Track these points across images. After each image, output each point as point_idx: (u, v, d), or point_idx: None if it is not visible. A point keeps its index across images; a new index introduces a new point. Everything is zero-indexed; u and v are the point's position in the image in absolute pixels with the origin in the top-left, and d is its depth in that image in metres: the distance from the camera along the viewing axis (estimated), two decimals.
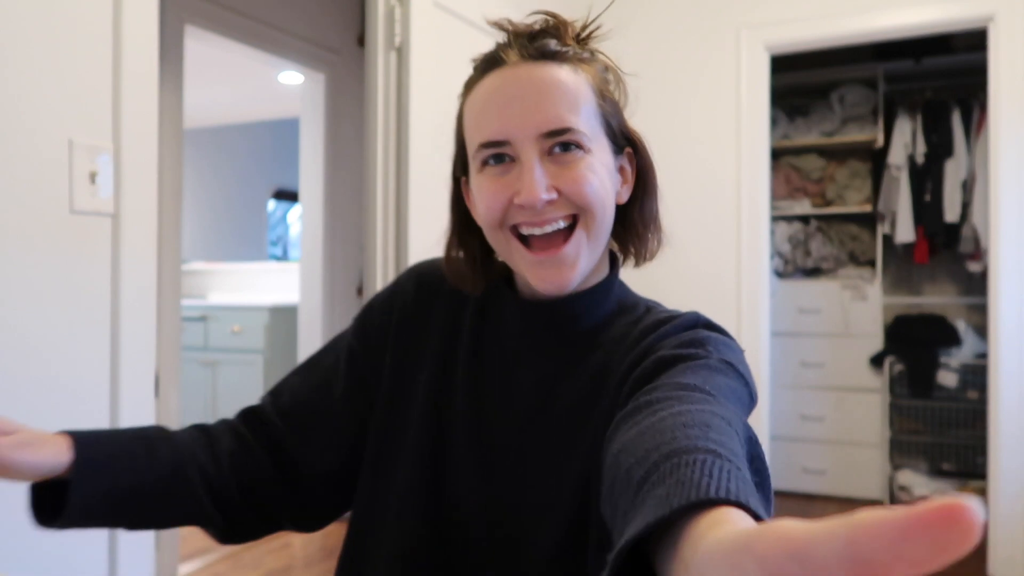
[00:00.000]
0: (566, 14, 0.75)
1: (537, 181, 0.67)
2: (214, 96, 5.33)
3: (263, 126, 6.39)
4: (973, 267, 3.57)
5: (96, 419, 1.28)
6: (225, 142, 6.70)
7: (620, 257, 0.80)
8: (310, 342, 3.37)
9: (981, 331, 3.67)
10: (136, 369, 1.33)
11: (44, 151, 1.21)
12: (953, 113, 3.58)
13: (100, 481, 0.68)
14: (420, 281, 0.83)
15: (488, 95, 0.71)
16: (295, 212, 7.16)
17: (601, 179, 0.69)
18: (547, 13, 0.74)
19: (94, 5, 1.27)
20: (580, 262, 0.70)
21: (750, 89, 2.97)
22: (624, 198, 0.75)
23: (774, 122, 3.87)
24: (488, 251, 0.79)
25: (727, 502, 0.38)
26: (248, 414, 0.82)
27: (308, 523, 0.83)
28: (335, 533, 3.14)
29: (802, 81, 3.93)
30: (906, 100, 3.73)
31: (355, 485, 0.80)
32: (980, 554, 2.89)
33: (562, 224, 0.69)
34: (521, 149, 0.68)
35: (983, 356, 3.51)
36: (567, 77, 0.69)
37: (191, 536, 3.10)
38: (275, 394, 0.83)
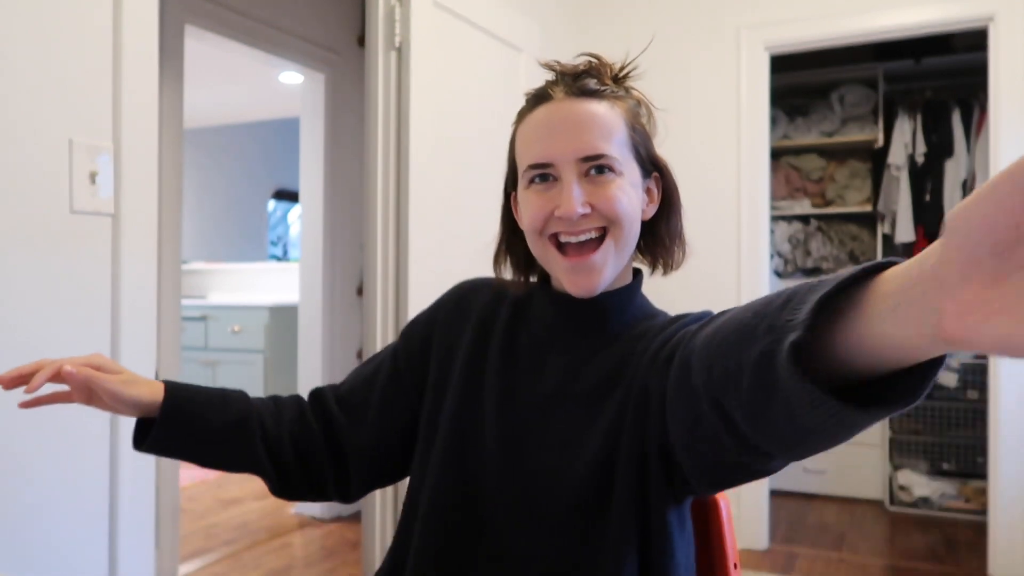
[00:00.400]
0: (606, 54, 0.90)
1: (575, 198, 0.81)
2: (214, 96, 5.33)
3: (263, 126, 6.39)
4: None
5: (96, 419, 1.28)
6: (225, 142, 6.70)
7: (643, 272, 0.93)
8: (310, 342, 3.37)
9: None
10: (136, 369, 1.33)
11: (44, 151, 1.21)
12: (953, 113, 3.58)
13: (180, 419, 0.87)
14: (462, 292, 0.99)
15: (537, 124, 0.85)
16: (295, 212, 7.16)
17: (630, 198, 0.83)
18: (590, 55, 0.88)
19: (94, 5, 1.27)
20: (606, 269, 0.83)
21: (750, 89, 2.97)
22: (650, 215, 0.89)
23: (774, 122, 3.88)
24: (530, 258, 0.93)
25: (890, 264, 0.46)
26: (313, 393, 0.99)
27: (346, 493, 0.97)
28: (334, 534, 3.14)
29: (802, 81, 3.93)
30: (906, 100, 3.73)
31: (389, 463, 0.96)
32: (980, 554, 2.89)
33: (594, 234, 0.82)
34: (563, 170, 0.82)
35: (983, 356, 3.51)
36: (603, 111, 0.83)
37: (191, 536, 3.10)
38: (341, 382, 1.00)
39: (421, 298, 2.11)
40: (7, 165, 1.16)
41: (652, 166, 0.88)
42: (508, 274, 0.96)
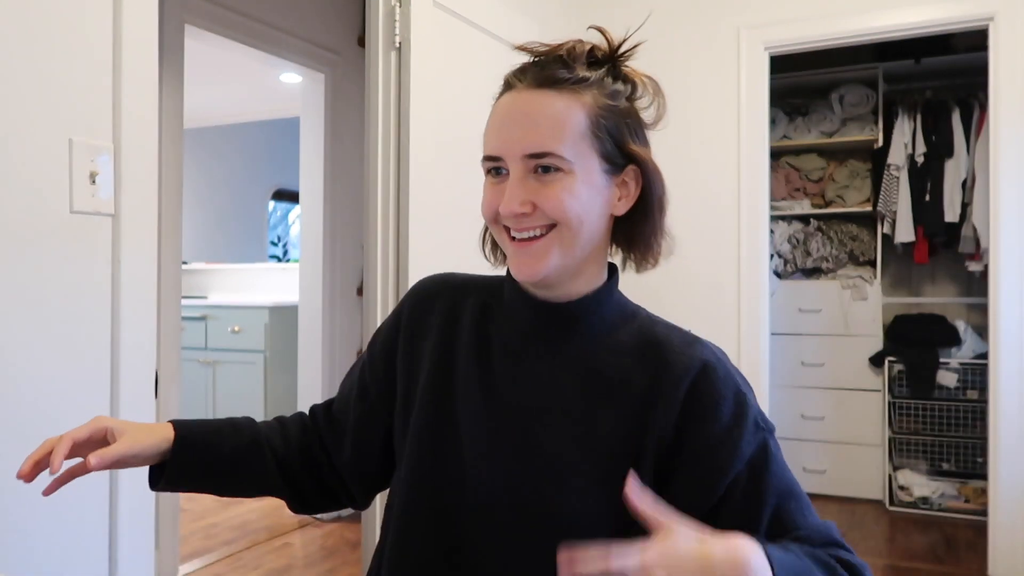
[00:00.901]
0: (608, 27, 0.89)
1: (512, 197, 0.79)
2: (214, 96, 5.32)
3: (263, 126, 6.38)
4: (973, 267, 3.57)
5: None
6: (225, 142, 6.70)
7: (619, 268, 0.89)
8: (310, 342, 3.37)
9: (981, 331, 3.67)
10: (136, 369, 1.33)
11: (44, 151, 1.21)
12: (953, 113, 3.58)
13: (192, 452, 0.87)
14: (416, 298, 0.95)
15: (496, 114, 0.83)
16: (295, 212, 7.16)
17: (578, 198, 0.79)
18: (597, 27, 0.88)
19: (94, 5, 1.27)
20: (550, 258, 0.80)
21: (750, 89, 2.97)
22: (622, 210, 0.84)
23: (774, 122, 3.87)
24: None
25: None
26: (311, 411, 1.00)
27: (354, 501, 0.98)
28: (334, 534, 3.14)
29: (802, 81, 3.93)
30: (906, 100, 3.73)
31: (380, 475, 0.96)
32: (980, 554, 2.89)
33: (538, 232, 0.80)
34: (510, 165, 0.80)
35: (983, 356, 3.51)
36: (559, 105, 0.79)
37: (191, 536, 3.10)
38: (336, 394, 1.00)
39: None
40: (7, 165, 1.16)
41: (626, 159, 0.83)
42: (491, 256, 0.93)
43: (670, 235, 0.88)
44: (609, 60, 0.85)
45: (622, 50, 0.87)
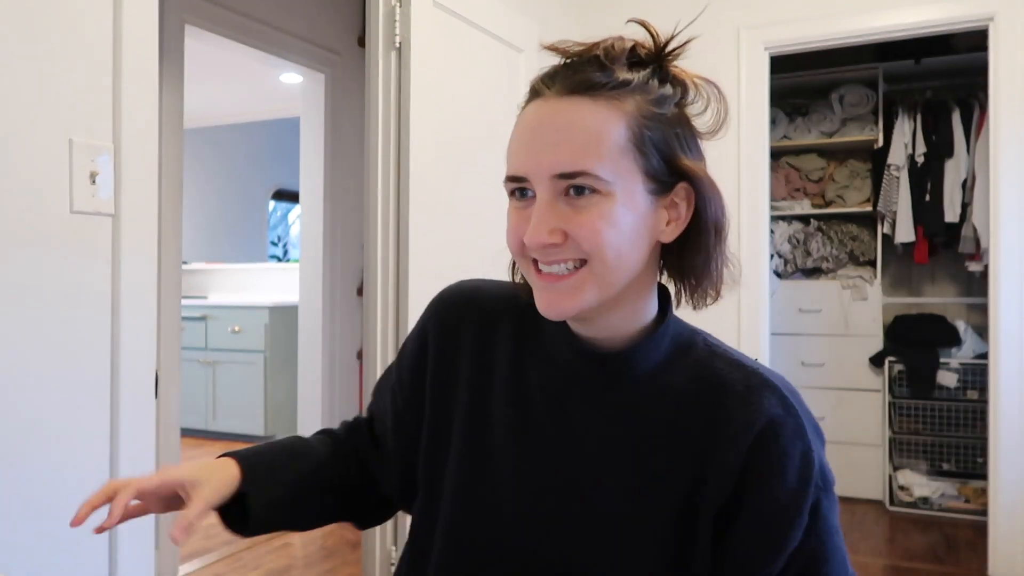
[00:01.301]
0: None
1: (539, 225, 0.67)
2: (214, 96, 5.33)
3: (263, 126, 6.38)
4: (973, 267, 3.57)
5: (96, 419, 1.28)
6: (225, 142, 6.70)
7: (673, 295, 0.77)
8: (310, 342, 3.37)
9: (981, 331, 3.67)
10: (136, 369, 1.33)
11: (44, 151, 1.21)
12: (953, 113, 3.58)
13: (265, 493, 0.79)
14: (442, 317, 0.85)
15: (520, 128, 0.71)
16: (295, 212, 7.16)
17: (617, 226, 0.67)
18: (639, 20, 0.77)
19: (94, 5, 1.27)
20: (582, 296, 0.69)
21: (750, 89, 2.97)
22: (670, 237, 0.72)
23: (774, 122, 3.87)
24: None
25: None
26: (352, 426, 0.93)
27: (406, 507, 0.89)
28: (334, 534, 3.14)
29: (802, 81, 3.92)
30: (906, 100, 3.73)
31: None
32: (980, 554, 2.89)
33: (571, 266, 0.69)
34: (538, 187, 0.68)
35: (983, 356, 3.50)
36: (595, 115, 0.67)
37: (191, 537, 3.10)
38: (370, 404, 0.94)
39: (421, 299, 2.11)
40: (7, 165, 1.16)
41: (675, 177, 0.71)
42: (523, 290, 0.79)
43: (734, 261, 0.75)
44: (654, 60, 0.74)
45: (670, 48, 0.75)
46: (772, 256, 3.92)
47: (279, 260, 7.16)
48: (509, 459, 0.76)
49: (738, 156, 2.98)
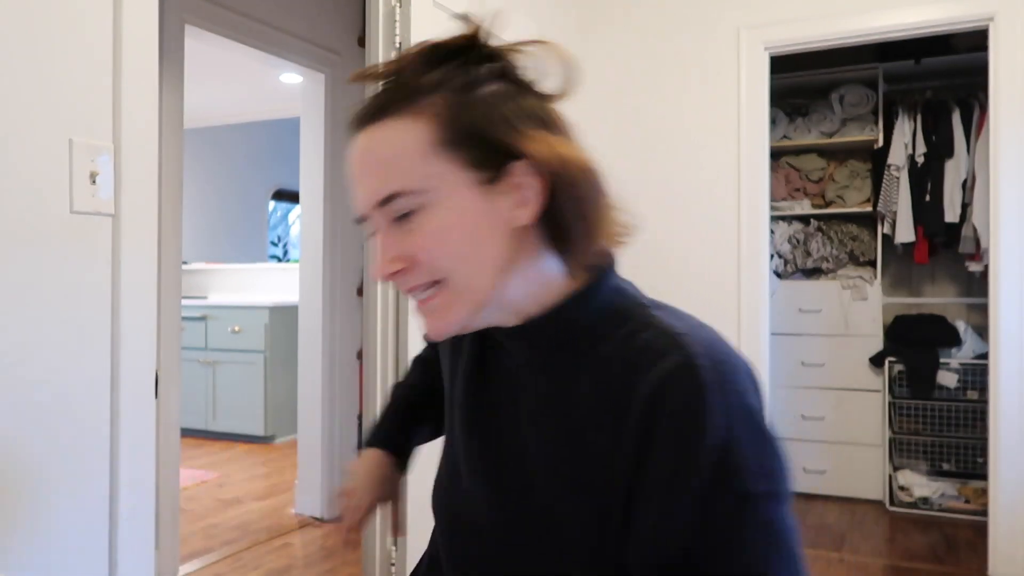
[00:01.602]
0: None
1: (379, 257, 0.68)
2: (214, 96, 5.33)
3: (263, 126, 6.39)
4: (973, 267, 3.57)
5: (96, 419, 1.28)
6: (225, 142, 6.70)
7: (607, 263, 0.73)
8: (310, 342, 3.37)
9: (981, 331, 3.67)
10: (136, 369, 1.33)
11: (44, 151, 1.21)
12: (953, 113, 3.58)
13: (409, 457, 1.03)
14: None
15: (347, 168, 0.71)
16: (295, 212, 7.16)
17: (451, 234, 0.65)
18: (459, 15, 0.72)
19: (94, 5, 1.27)
20: (455, 313, 0.69)
21: (750, 89, 2.97)
22: (528, 218, 0.67)
23: (774, 122, 3.87)
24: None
25: None
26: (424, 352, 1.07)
27: None
28: (334, 534, 3.14)
29: (802, 81, 3.92)
30: (906, 100, 3.73)
31: None
32: (981, 554, 2.90)
33: (430, 290, 0.69)
34: (374, 222, 0.69)
35: (983, 356, 3.50)
36: (390, 134, 0.66)
37: (191, 537, 3.10)
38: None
39: None
40: (7, 165, 1.16)
41: (508, 156, 0.65)
42: None
43: (624, 211, 0.70)
44: (463, 48, 0.68)
45: (481, 30, 0.69)
46: (772, 256, 3.92)
47: (279, 260, 7.16)
48: (464, 430, 0.80)
49: (738, 156, 2.98)
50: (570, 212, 0.67)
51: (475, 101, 0.66)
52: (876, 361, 3.65)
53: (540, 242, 0.69)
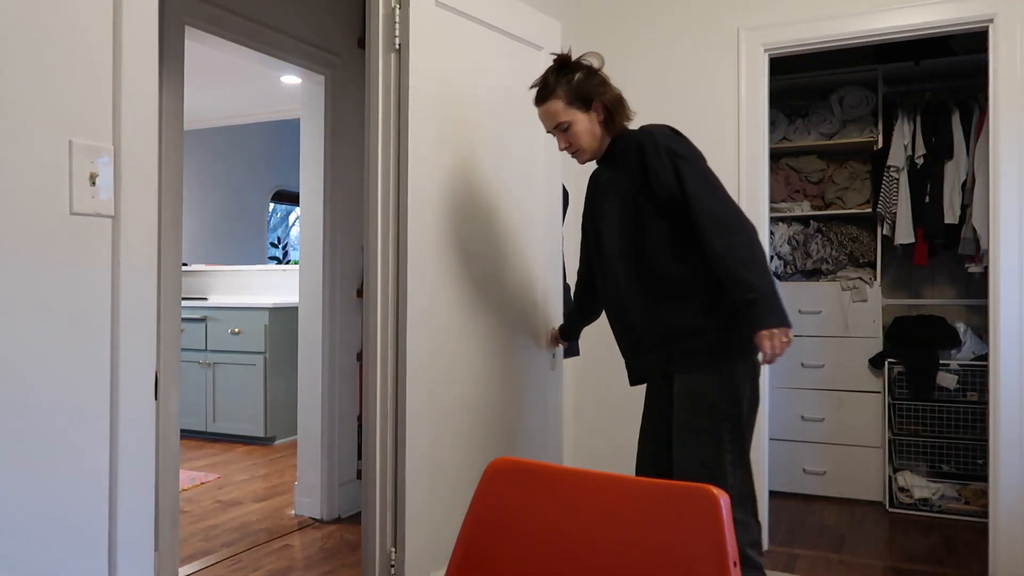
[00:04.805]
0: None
1: (560, 144, 2.02)
2: (214, 97, 5.33)
3: (263, 127, 6.39)
4: (973, 269, 3.58)
5: (96, 420, 1.28)
6: (225, 143, 6.70)
7: (617, 127, 2.00)
8: (310, 343, 3.37)
9: (981, 333, 3.67)
10: (136, 370, 1.33)
11: (44, 152, 1.21)
12: (953, 115, 3.58)
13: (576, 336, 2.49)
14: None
15: (538, 115, 2.02)
16: (295, 214, 7.16)
17: (578, 131, 1.95)
18: (556, 55, 1.98)
19: (94, 5, 1.27)
20: (584, 158, 2.02)
21: (749, 90, 2.97)
22: (601, 119, 1.96)
23: (773, 124, 3.88)
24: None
25: None
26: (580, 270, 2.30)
27: None
28: (334, 535, 3.14)
29: (801, 83, 3.93)
30: (906, 102, 3.74)
31: None
32: (981, 556, 2.89)
33: (574, 151, 2.01)
34: (555, 132, 2.01)
35: (983, 358, 3.50)
36: (551, 106, 1.96)
37: (191, 538, 3.10)
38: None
39: (422, 300, 2.11)
40: (6, 166, 1.16)
41: (592, 100, 1.94)
42: None
43: (625, 102, 1.99)
44: (563, 64, 1.95)
45: (569, 58, 1.96)
46: (772, 258, 3.92)
47: (279, 262, 7.16)
48: (600, 209, 2.05)
49: (738, 157, 2.98)
50: (615, 113, 1.96)
51: (578, 83, 1.93)
52: (876, 362, 3.65)
53: (603, 125, 1.97)
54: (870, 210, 3.81)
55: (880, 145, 3.74)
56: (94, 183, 1.27)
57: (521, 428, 2.47)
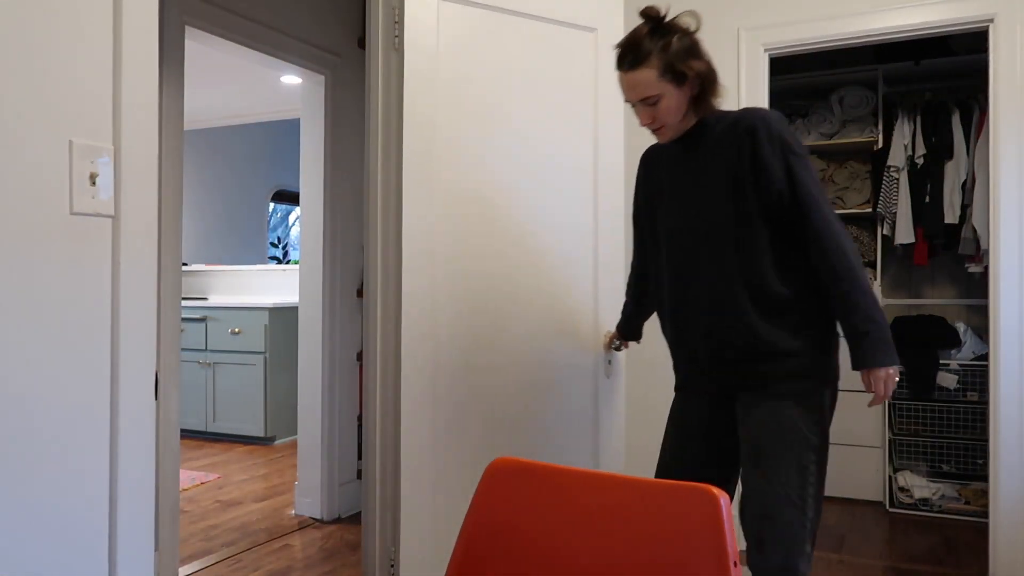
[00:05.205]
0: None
1: (642, 119, 1.68)
2: (215, 97, 5.33)
3: (264, 127, 6.39)
4: (973, 268, 3.58)
5: (96, 420, 1.28)
6: (225, 143, 6.70)
7: (707, 105, 1.68)
8: (310, 343, 3.37)
9: (981, 333, 3.67)
10: (136, 370, 1.33)
11: (44, 152, 1.21)
12: (953, 115, 3.58)
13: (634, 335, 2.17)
14: (644, 159, 1.88)
15: (620, 85, 1.68)
16: (295, 213, 7.16)
17: (668, 106, 1.64)
18: (642, 12, 1.63)
19: (94, 5, 1.27)
20: (666, 135, 1.70)
21: (749, 90, 2.97)
22: (692, 95, 1.65)
23: None
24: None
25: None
26: (637, 275, 2.05)
27: None
28: (334, 535, 3.14)
29: (801, 83, 3.93)
30: (906, 102, 3.74)
31: None
32: (981, 556, 2.89)
33: (658, 128, 1.69)
34: (637, 105, 1.68)
35: (983, 358, 3.51)
36: (639, 76, 1.62)
37: (191, 538, 3.10)
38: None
39: (421, 300, 2.11)
40: (6, 166, 1.16)
41: (686, 74, 1.60)
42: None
43: (718, 79, 1.66)
44: (659, 26, 1.60)
45: (665, 18, 1.62)
46: None
47: (279, 261, 7.16)
48: (670, 195, 1.75)
49: None
50: (707, 90, 1.64)
51: (672, 50, 1.59)
52: None
53: (690, 102, 1.66)
54: (870, 210, 3.81)
55: (880, 145, 3.73)
56: (94, 183, 1.27)
57: (556, 438, 2.33)
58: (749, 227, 1.60)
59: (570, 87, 2.34)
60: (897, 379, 1.57)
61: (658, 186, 1.76)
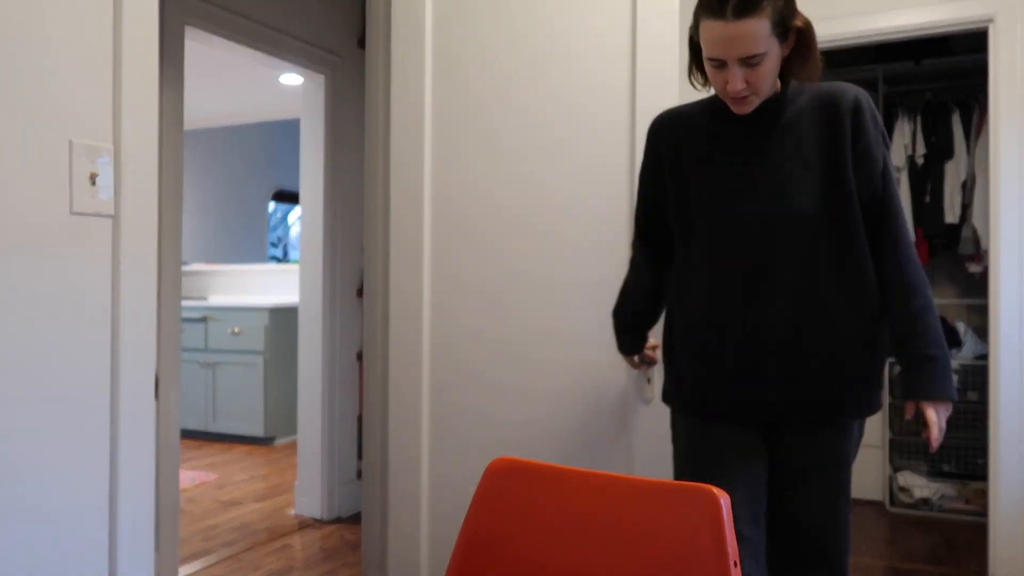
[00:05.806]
0: None
1: (735, 83, 1.33)
2: (215, 97, 5.33)
3: (264, 127, 6.39)
4: (973, 268, 3.58)
5: (96, 420, 1.28)
6: (225, 143, 6.70)
7: (803, 71, 1.39)
8: (310, 343, 3.37)
9: (981, 332, 3.67)
10: (136, 370, 1.33)
11: (44, 152, 1.21)
12: (953, 114, 3.58)
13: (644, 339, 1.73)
14: (660, 128, 1.53)
15: (711, 37, 1.31)
16: (295, 213, 7.17)
17: (769, 69, 1.33)
18: None
19: (94, 5, 1.27)
20: (752, 105, 1.39)
21: None
22: (785, 52, 1.36)
23: None
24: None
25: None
26: (642, 250, 1.66)
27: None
28: (334, 535, 3.14)
29: None
30: (906, 101, 3.74)
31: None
32: (981, 555, 2.89)
33: (748, 94, 1.36)
34: (731, 65, 1.33)
35: (983, 357, 3.51)
36: (749, 28, 1.28)
37: (191, 538, 3.10)
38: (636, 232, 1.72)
39: (421, 300, 2.11)
40: (6, 166, 1.16)
41: (788, 32, 1.33)
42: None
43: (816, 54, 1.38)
44: None
45: None
46: None
47: (279, 261, 7.17)
48: (730, 174, 1.42)
49: None
50: (803, 53, 1.37)
51: (780, 7, 1.30)
52: None
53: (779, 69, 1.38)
54: None
55: None
56: (94, 183, 1.27)
57: (564, 444, 2.14)
58: (845, 221, 1.35)
59: (603, 53, 2.01)
60: (948, 415, 1.40)
61: (697, 163, 1.44)
